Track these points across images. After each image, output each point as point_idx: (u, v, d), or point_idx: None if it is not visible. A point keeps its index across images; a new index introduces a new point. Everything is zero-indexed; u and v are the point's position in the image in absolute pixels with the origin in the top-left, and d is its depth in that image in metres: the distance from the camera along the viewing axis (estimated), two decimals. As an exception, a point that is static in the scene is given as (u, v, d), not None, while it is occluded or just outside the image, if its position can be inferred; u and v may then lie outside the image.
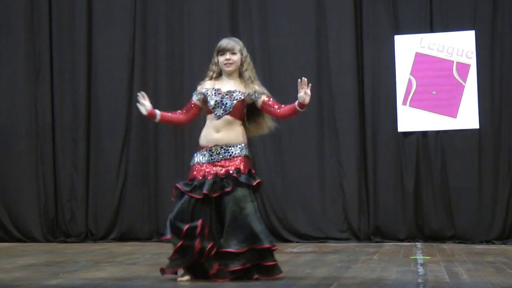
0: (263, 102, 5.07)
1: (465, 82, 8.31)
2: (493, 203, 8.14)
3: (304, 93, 4.84)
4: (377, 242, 8.27)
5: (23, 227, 9.08)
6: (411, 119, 8.39)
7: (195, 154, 5.08)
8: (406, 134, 8.41)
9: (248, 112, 5.14)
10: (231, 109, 5.02)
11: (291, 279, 4.86)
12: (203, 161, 4.99)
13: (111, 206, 8.98)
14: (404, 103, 8.42)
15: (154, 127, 9.03)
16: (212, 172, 4.91)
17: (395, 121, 8.42)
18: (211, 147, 5.00)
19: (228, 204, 4.85)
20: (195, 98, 5.24)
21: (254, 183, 4.94)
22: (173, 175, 8.92)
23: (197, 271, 4.90)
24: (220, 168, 4.92)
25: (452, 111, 8.31)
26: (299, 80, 4.87)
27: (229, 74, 5.15)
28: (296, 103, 4.92)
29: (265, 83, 8.63)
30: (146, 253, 7.15)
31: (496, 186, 8.15)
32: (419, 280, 4.76)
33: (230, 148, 4.98)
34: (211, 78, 5.23)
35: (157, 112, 5.22)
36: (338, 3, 8.65)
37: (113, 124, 9.08)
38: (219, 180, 4.89)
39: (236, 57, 5.13)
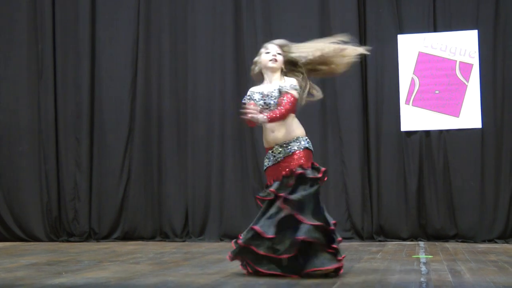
0: (282, 94, 5.11)
1: (467, 82, 8.31)
2: (495, 202, 8.14)
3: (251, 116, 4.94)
4: (380, 241, 8.28)
5: (25, 226, 9.10)
6: (414, 118, 8.39)
7: (264, 159, 5.24)
8: (409, 133, 8.41)
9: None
10: (276, 108, 5.07)
11: (294, 278, 4.87)
12: (270, 164, 5.14)
13: (114, 205, 9.00)
14: (407, 102, 8.42)
15: (157, 127, 9.04)
16: (278, 174, 5.04)
17: (398, 120, 8.42)
18: (272, 148, 5.12)
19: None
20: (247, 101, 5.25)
21: (319, 175, 5.01)
22: (176, 174, 8.95)
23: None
24: (284, 168, 5.03)
25: (455, 111, 8.31)
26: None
27: (272, 72, 5.21)
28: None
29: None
30: (149, 252, 7.16)
31: (498, 185, 8.15)
32: (422, 279, 4.76)
33: (289, 145, 5.06)
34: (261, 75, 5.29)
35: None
36: (342, 2, 8.65)
37: (117, 123, 9.10)
38: (286, 180, 5.01)
39: (280, 57, 5.26)
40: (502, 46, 8.28)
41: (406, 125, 8.40)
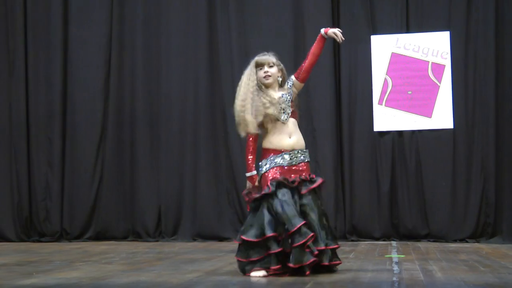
0: (295, 76, 5.31)
1: (440, 82, 8.37)
2: (466, 202, 8.22)
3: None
4: (353, 241, 8.32)
5: (-4, 226, 9.00)
6: (387, 118, 8.43)
7: (272, 157, 5.13)
8: (382, 133, 8.46)
9: None
10: (291, 110, 5.21)
11: (268, 278, 4.87)
12: (285, 164, 5.12)
13: (87, 205, 8.94)
14: (380, 102, 8.47)
15: (130, 127, 9.00)
16: (291, 175, 5.08)
17: (371, 120, 8.46)
18: (289, 151, 5.15)
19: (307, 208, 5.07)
20: (255, 119, 5.16)
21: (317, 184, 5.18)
22: (149, 174, 8.91)
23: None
24: (297, 173, 5.10)
25: (427, 111, 8.37)
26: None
27: (270, 86, 5.29)
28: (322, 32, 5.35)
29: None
30: (121, 252, 7.12)
31: (469, 186, 8.23)
32: (394, 279, 4.78)
33: (304, 153, 5.21)
34: (259, 88, 5.28)
35: (254, 173, 5.21)
36: (315, 3, 8.68)
37: (89, 122, 9.03)
38: (303, 181, 5.10)
39: (274, 70, 5.29)
40: (473, 47, 8.35)
41: (379, 125, 8.44)
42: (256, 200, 5.07)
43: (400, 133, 8.44)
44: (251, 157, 5.19)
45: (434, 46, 8.42)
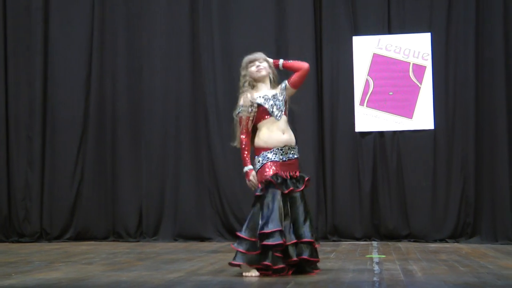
0: (288, 82, 5.40)
1: (421, 84, 8.41)
2: (446, 202, 8.26)
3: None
4: (334, 241, 8.34)
5: (-26, 226, 8.93)
6: (368, 119, 8.46)
7: (265, 153, 5.22)
8: (364, 134, 8.49)
9: None
10: (284, 107, 5.33)
11: (250, 278, 4.87)
12: (277, 159, 5.21)
13: (67, 205, 8.88)
14: (361, 103, 8.49)
15: (111, 126, 8.96)
16: (285, 172, 5.20)
17: (352, 121, 8.48)
18: (282, 148, 5.25)
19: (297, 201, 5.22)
20: (249, 112, 5.30)
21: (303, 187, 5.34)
22: (130, 174, 8.88)
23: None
24: (290, 169, 5.24)
25: (408, 112, 8.41)
26: None
27: (263, 81, 5.39)
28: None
29: (225, 82, 8.73)
30: (102, 253, 7.09)
31: (449, 186, 8.27)
32: (375, 279, 4.80)
33: (293, 151, 5.30)
34: (251, 87, 5.40)
35: (250, 167, 5.30)
36: (297, 4, 8.69)
37: (70, 121, 8.98)
38: (293, 179, 5.25)
39: (265, 64, 5.41)
40: (454, 49, 8.40)
41: (360, 126, 8.47)
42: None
43: (381, 133, 8.46)
44: (246, 152, 5.29)
45: (415, 48, 8.46)
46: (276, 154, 5.21)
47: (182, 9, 8.93)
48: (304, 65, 5.41)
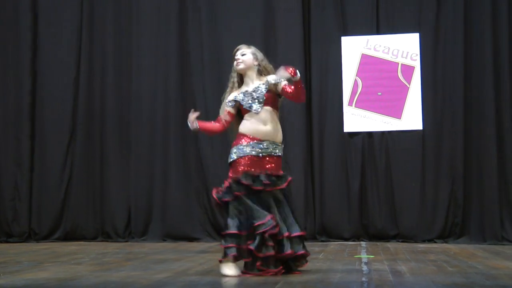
0: (282, 88, 5.24)
1: (409, 84, 8.44)
2: (435, 202, 8.29)
3: (278, 75, 5.09)
4: (322, 241, 8.35)
5: (-38, 227, 8.88)
6: (357, 119, 8.48)
7: (241, 146, 5.16)
8: (352, 134, 8.50)
9: None
10: (264, 99, 5.21)
11: (238, 278, 4.87)
12: (253, 153, 5.13)
13: (56, 205, 8.86)
14: (350, 103, 8.51)
15: (100, 126, 8.94)
16: (263, 167, 5.10)
17: (341, 121, 8.50)
18: (261, 141, 5.16)
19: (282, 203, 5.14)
20: (228, 106, 5.34)
21: (285, 184, 5.22)
22: (119, 174, 8.87)
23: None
24: (269, 165, 5.14)
25: (397, 112, 8.43)
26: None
27: (246, 74, 5.33)
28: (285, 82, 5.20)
29: (213, 81, 8.72)
30: (90, 253, 7.07)
31: (438, 186, 8.30)
32: (364, 279, 4.81)
33: (277, 147, 5.22)
34: (233, 87, 5.39)
35: (197, 122, 5.30)
36: (286, 4, 8.70)
37: (59, 122, 8.96)
38: (271, 177, 5.10)
39: (246, 57, 5.32)
40: (442, 49, 8.43)
41: (349, 126, 8.49)
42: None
43: (370, 134, 8.49)
44: (207, 124, 5.34)
45: (404, 48, 8.48)
46: (253, 147, 5.13)
47: (171, 8, 8.93)
48: (302, 97, 5.28)
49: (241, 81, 5.39)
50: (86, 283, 4.70)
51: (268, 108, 5.22)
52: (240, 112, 5.32)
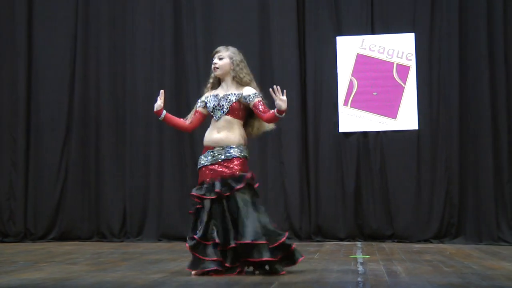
0: (254, 104, 5.26)
1: (405, 84, 8.45)
2: (430, 202, 8.29)
3: (280, 100, 5.08)
4: (318, 241, 8.35)
5: (-42, 227, 8.86)
6: (352, 119, 8.48)
7: (201, 157, 5.29)
8: (347, 134, 8.51)
9: (248, 114, 5.39)
10: (228, 110, 5.25)
11: (233, 278, 4.87)
12: (207, 163, 5.21)
13: (51, 205, 8.86)
14: (345, 103, 8.52)
15: (95, 126, 8.93)
16: (217, 174, 5.14)
17: (336, 121, 8.50)
18: (213, 148, 5.21)
19: (237, 202, 5.07)
20: (199, 107, 5.46)
21: (256, 185, 5.23)
22: (114, 174, 8.86)
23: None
24: (224, 169, 5.14)
25: (392, 112, 8.44)
26: (271, 89, 5.09)
27: (223, 79, 5.38)
28: (275, 110, 5.14)
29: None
30: (86, 253, 7.07)
31: (434, 186, 8.30)
32: (359, 279, 4.81)
33: (230, 150, 5.19)
34: (212, 86, 5.46)
35: (164, 112, 5.42)
36: (281, 4, 8.70)
37: (54, 122, 8.96)
38: (226, 181, 5.10)
39: (222, 62, 5.35)
40: (437, 49, 8.44)
41: (344, 126, 8.49)
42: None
43: (365, 134, 8.49)
44: (175, 119, 5.48)
45: (399, 48, 8.49)
46: (207, 157, 5.22)
47: (165, 9, 8.92)
48: (271, 123, 5.38)
49: (218, 83, 5.45)
50: (81, 283, 4.70)
51: (228, 118, 5.26)
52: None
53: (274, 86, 5.12)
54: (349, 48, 8.56)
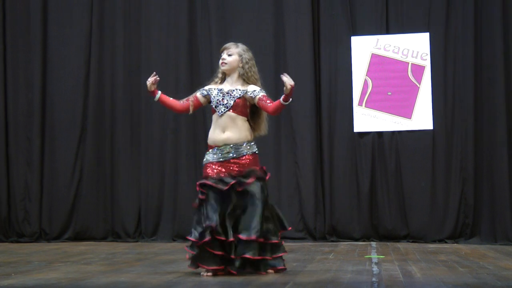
0: (259, 98, 5.21)
1: (419, 84, 8.42)
2: (445, 203, 8.26)
3: (287, 77, 5.04)
4: (332, 241, 8.34)
5: (-27, 227, 8.92)
6: (366, 119, 8.46)
7: (207, 153, 5.24)
8: (362, 134, 8.49)
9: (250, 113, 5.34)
10: (231, 106, 5.20)
11: (247, 278, 4.87)
12: (215, 160, 5.17)
13: (66, 205, 8.89)
14: (360, 103, 8.49)
15: (110, 126, 8.96)
16: (227, 170, 5.10)
17: (351, 121, 8.48)
18: (220, 147, 5.17)
19: (246, 197, 5.04)
20: (198, 93, 5.44)
21: (266, 178, 5.18)
22: (129, 174, 8.88)
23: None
24: (234, 166, 5.12)
25: (407, 112, 8.41)
26: (282, 75, 5.09)
27: (230, 75, 5.34)
28: (281, 98, 5.09)
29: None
30: (100, 253, 7.09)
31: (448, 186, 8.27)
32: (374, 279, 4.80)
33: (240, 147, 5.17)
34: (218, 80, 5.41)
35: (158, 92, 5.46)
36: (295, 4, 8.69)
37: (69, 122, 8.99)
38: (236, 177, 5.07)
39: (231, 58, 5.32)
40: (452, 49, 8.40)
41: (359, 126, 8.47)
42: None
43: (380, 134, 8.47)
44: (170, 100, 5.51)
45: (414, 47, 8.46)
46: (215, 154, 5.17)
47: (180, 5, 8.93)
48: (277, 114, 5.44)
49: (224, 79, 5.41)
50: (96, 283, 4.71)
51: (231, 114, 5.21)
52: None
53: (284, 74, 5.14)
54: (363, 48, 8.54)
